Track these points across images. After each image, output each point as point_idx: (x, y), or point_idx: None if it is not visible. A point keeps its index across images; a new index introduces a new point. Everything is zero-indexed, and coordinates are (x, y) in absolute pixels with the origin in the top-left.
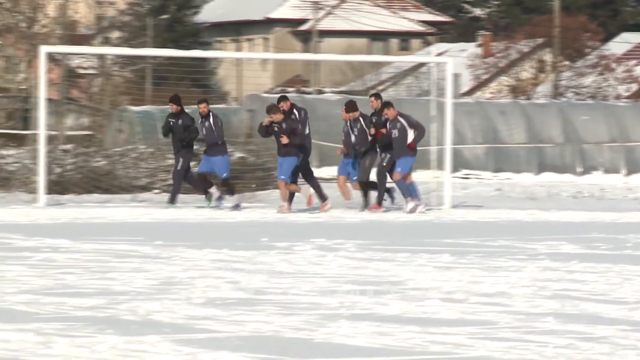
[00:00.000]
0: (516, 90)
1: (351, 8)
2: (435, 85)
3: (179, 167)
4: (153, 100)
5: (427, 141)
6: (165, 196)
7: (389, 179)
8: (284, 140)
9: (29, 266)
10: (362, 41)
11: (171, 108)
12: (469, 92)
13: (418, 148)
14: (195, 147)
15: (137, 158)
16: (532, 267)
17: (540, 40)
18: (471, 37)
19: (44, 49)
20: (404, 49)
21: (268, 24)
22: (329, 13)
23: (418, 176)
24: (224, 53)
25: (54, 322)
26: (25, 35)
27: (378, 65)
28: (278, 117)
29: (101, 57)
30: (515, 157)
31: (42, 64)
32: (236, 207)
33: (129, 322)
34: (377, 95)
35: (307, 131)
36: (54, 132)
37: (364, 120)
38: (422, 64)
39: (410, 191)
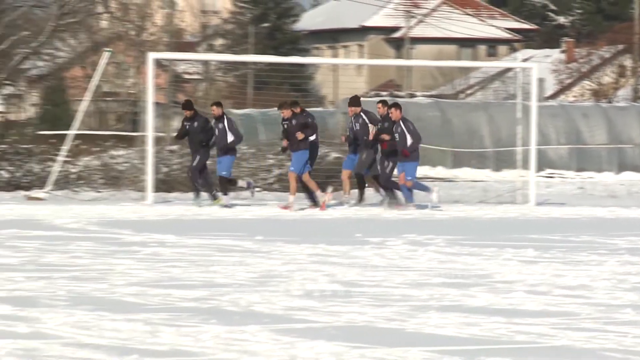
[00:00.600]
0: (598, 94)
1: (441, 16)
2: (521, 89)
3: (194, 164)
4: (254, 104)
5: (513, 142)
6: (266, 194)
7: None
8: (300, 135)
9: (137, 260)
10: (451, 48)
11: (185, 114)
12: (553, 96)
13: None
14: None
15: (239, 158)
16: (613, 262)
17: (621, 47)
18: (555, 44)
19: (151, 56)
20: (491, 55)
21: (363, 31)
22: (421, 21)
23: (504, 175)
24: (321, 59)
25: (161, 312)
26: (135, 42)
27: (467, 70)
28: (287, 113)
29: (205, 63)
30: (597, 157)
31: (150, 69)
32: (227, 205)
33: (231, 313)
34: (384, 102)
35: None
36: (161, 134)
37: (366, 115)
38: (508, 69)
39: (409, 194)
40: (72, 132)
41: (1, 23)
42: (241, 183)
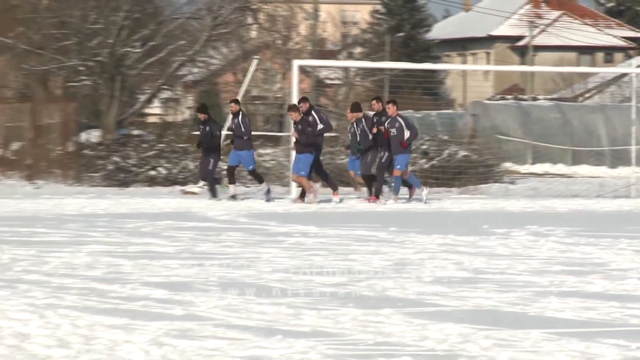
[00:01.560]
0: None
1: (562, 26)
2: (636, 92)
3: (210, 167)
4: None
5: (628, 141)
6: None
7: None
8: (295, 136)
9: (282, 249)
10: (571, 55)
11: (200, 117)
12: None
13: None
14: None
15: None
16: None
17: None
18: None
19: (296, 63)
20: (608, 61)
21: (490, 40)
22: (543, 30)
23: (619, 172)
24: (451, 65)
25: (303, 296)
26: (281, 51)
27: (585, 75)
28: (295, 116)
29: (346, 69)
30: None
31: (294, 75)
32: (268, 193)
33: (367, 297)
34: (378, 98)
35: (319, 127)
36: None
37: (365, 122)
38: (624, 75)
39: (398, 186)
40: (229, 133)
41: (160, 33)
42: (264, 186)
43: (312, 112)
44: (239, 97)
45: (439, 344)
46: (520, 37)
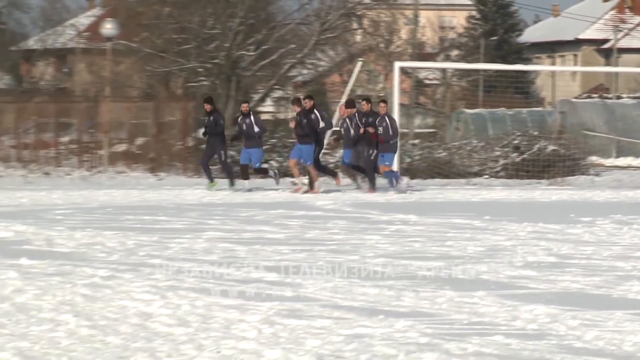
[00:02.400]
0: None
1: None
2: None
3: (223, 159)
4: (484, 104)
5: None
6: (494, 180)
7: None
8: (292, 124)
9: (384, 236)
10: None
11: (205, 108)
12: None
13: None
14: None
15: (471, 150)
16: None
17: None
18: None
19: (397, 64)
20: None
21: (577, 43)
22: (627, 34)
23: None
24: (541, 67)
25: (403, 279)
26: (383, 53)
27: None
28: (296, 108)
29: (443, 70)
30: None
31: (396, 76)
32: (276, 176)
33: (462, 280)
34: (368, 100)
35: (321, 125)
36: (404, 130)
37: (358, 116)
38: None
39: (391, 180)
40: (331, 129)
41: (273, 38)
42: (270, 173)
43: (315, 110)
44: (344, 97)
45: (528, 324)
46: (605, 40)
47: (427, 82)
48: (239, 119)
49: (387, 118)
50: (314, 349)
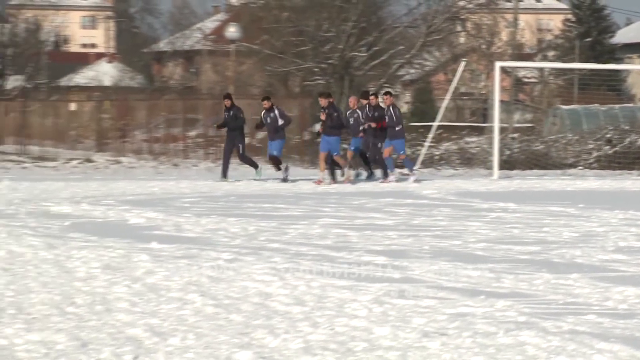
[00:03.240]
0: None
1: None
2: None
3: (242, 152)
4: (578, 101)
5: None
6: (587, 171)
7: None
8: (322, 116)
9: (485, 222)
10: None
11: (225, 104)
12: None
13: None
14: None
15: (566, 143)
16: None
17: None
18: None
19: (498, 64)
20: None
21: None
22: None
23: None
24: (632, 66)
25: (503, 263)
26: (485, 54)
27: None
28: (323, 102)
29: (540, 69)
30: None
31: (496, 75)
32: (286, 170)
33: (558, 264)
34: (375, 95)
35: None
36: (504, 125)
37: (368, 108)
38: None
39: (391, 165)
40: (436, 124)
41: (382, 40)
42: (282, 166)
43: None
44: (449, 94)
45: (619, 304)
46: None
47: (526, 80)
48: (263, 113)
49: (391, 108)
50: (420, 326)
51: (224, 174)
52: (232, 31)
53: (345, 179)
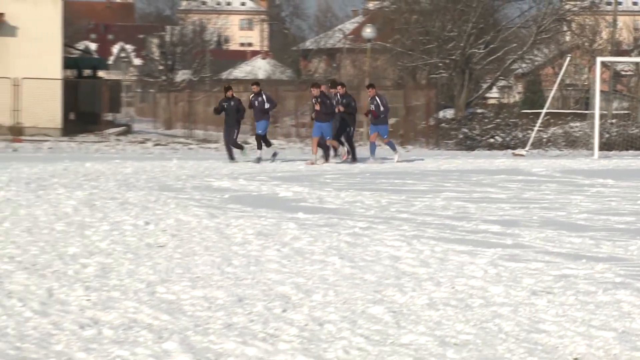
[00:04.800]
0: None
1: None
2: None
3: (234, 137)
4: None
5: None
6: None
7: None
8: (317, 106)
9: (586, 196)
10: None
11: (226, 94)
12: None
13: None
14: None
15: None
16: None
17: None
18: None
19: (599, 59)
20: None
21: None
22: None
23: None
24: None
25: (602, 231)
26: (587, 50)
27: None
28: (315, 92)
29: (636, 64)
30: None
31: (597, 69)
32: (274, 155)
33: None
34: (342, 84)
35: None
36: (604, 112)
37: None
38: None
39: (373, 149)
40: (544, 111)
41: (498, 38)
42: (271, 147)
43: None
44: (555, 86)
45: None
46: None
47: (623, 73)
48: (251, 96)
49: (377, 98)
50: (529, 285)
51: (231, 155)
52: (368, 31)
53: (343, 157)
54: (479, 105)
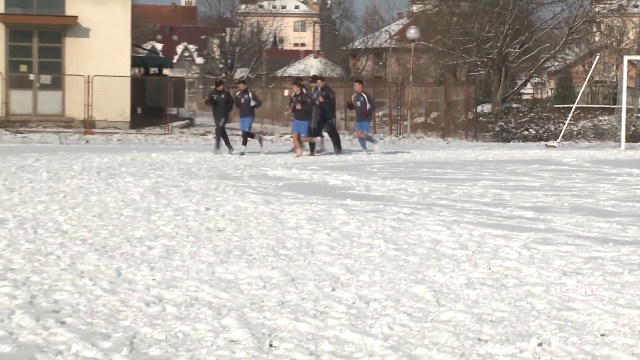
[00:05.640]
0: None
1: None
2: None
3: (220, 125)
4: None
5: None
6: None
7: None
8: (298, 106)
9: (613, 184)
10: None
11: (217, 88)
12: None
13: None
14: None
15: None
16: None
17: None
18: None
19: (626, 58)
20: None
21: None
22: None
23: None
24: None
25: (628, 217)
26: (615, 49)
27: None
28: (296, 89)
29: None
30: None
31: (624, 66)
32: (260, 141)
33: None
34: (322, 78)
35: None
36: (630, 107)
37: (320, 90)
38: None
39: (363, 144)
40: (575, 106)
41: (532, 39)
42: (256, 137)
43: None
44: (585, 82)
45: None
46: None
47: None
48: (237, 94)
49: (363, 94)
50: (560, 267)
51: (229, 146)
52: (412, 32)
53: (319, 147)
54: (514, 100)
